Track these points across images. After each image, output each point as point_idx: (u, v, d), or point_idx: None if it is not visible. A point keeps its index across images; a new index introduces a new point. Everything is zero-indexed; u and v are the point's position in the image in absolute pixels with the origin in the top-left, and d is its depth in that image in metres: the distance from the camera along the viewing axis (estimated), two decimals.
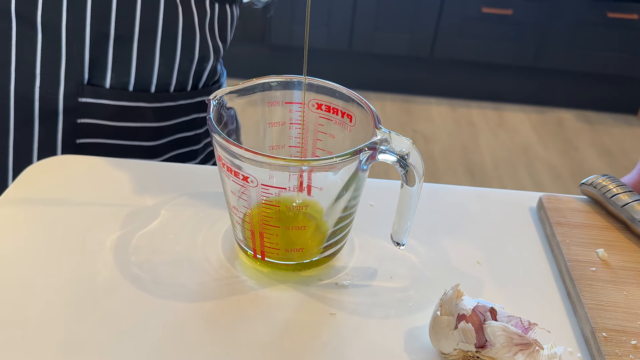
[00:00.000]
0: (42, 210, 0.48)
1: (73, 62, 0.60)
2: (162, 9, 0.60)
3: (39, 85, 0.60)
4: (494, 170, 2.02)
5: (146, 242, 0.46)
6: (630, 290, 0.43)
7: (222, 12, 0.67)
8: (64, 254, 0.44)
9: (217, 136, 0.38)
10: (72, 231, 0.46)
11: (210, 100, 0.41)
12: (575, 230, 0.49)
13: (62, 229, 0.46)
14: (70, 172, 0.53)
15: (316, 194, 0.42)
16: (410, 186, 0.39)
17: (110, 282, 0.42)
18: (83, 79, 0.61)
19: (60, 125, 0.62)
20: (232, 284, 0.43)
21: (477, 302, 0.37)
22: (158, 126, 0.65)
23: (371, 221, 0.50)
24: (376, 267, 0.45)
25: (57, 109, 0.61)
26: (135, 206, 0.49)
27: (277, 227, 0.41)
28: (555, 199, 0.52)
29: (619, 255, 0.46)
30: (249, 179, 0.38)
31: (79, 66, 0.60)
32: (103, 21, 0.59)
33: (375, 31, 2.24)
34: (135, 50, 0.61)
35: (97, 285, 0.41)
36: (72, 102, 0.61)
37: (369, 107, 0.41)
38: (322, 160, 0.38)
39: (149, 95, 0.63)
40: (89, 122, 0.62)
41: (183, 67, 0.64)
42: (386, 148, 0.38)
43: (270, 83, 0.44)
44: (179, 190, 0.52)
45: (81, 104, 0.61)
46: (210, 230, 0.47)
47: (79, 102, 0.61)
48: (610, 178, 0.52)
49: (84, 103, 0.61)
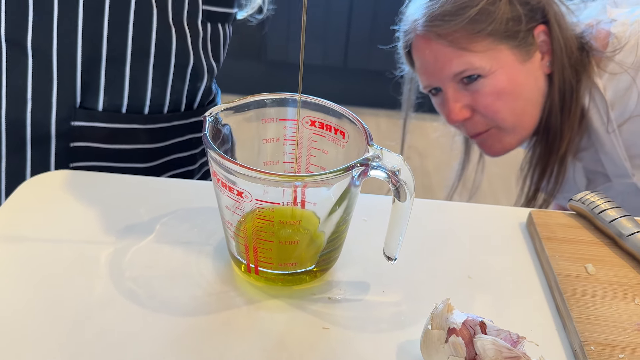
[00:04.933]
0: (36, 225, 0.48)
1: (65, 86, 0.59)
2: (155, 30, 0.60)
3: (30, 110, 0.59)
4: (488, 186, 2.04)
5: (141, 256, 0.46)
6: (618, 305, 0.43)
7: (214, 31, 0.67)
8: (59, 268, 0.44)
9: (212, 152, 0.38)
10: (67, 246, 0.46)
11: (205, 117, 0.42)
12: (564, 245, 0.50)
13: (57, 243, 0.47)
14: (65, 187, 0.54)
15: (310, 209, 0.43)
16: (401, 201, 0.40)
17: (105, 297, 0.42)
18: (75, 102, 0.60)
19: (53, 149, 0.61)
20: (226, 298, 0.43)
21: (467, 316, 0.37)
22: (152, 147, 0.65)
23: (364, 236, 0.50)
24: (369, 281, 0.46)
25: (50, 133, 0.60)
26: (130, 221, 0.50)
27: (271, 242, 0.41)
28: (545, 214, 0.53)
29: (607, 270, 0.47)
30: (244, 194, 0.39)
31: (71, 90, 0.60)
32: (95, 44, 0.59)
33: (370, 47, 2.26)
34: (128, 72, 0.61)
35: (92, 300, 0.42)
36: (65, 126, 0.61)
37: (361, 124, 0.42)
38: (315, 176, 0.39)
39: (143, 116, 0.63)
40: (82, 145, 0.62)
41: (176, 88, 0.64)
42: (378, 164, 0.39)
43: (264, 100, 0.45)
44: (173, 205, 0.52)
45: (74, 127, 0.61)
46: (205, 245, 0.48)
47: (71, 125, 0.61)
48: (598, 194, 0.53)
49: (77, 126, 0.61)
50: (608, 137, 0.72)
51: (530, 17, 0.72)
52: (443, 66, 0.74)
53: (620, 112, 0.70)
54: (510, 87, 0.72)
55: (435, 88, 0.78)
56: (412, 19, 0.76)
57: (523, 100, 0.74)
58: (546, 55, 0.73)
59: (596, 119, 0.72)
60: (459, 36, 0.71)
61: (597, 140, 0.74)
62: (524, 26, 0.71)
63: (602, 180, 0.78)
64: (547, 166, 0.78)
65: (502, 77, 0.72)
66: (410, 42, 0.78)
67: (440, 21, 0.72)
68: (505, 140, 0.77)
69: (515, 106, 0.73)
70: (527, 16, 0.71)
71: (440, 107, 0.80)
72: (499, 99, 0.72)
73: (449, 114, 0.76)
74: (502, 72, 0.71)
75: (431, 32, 0.73)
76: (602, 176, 0.78)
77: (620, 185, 0.76)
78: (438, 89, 0.78)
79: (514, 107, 0.73)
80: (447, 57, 0.73)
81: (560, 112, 0.73)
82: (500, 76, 0.72)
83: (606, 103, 0.70)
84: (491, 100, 0.73)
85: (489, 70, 0.71)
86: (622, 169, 0.73)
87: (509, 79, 0.72)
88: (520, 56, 0.72)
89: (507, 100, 0.73)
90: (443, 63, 0.74)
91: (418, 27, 0.74)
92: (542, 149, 0.78)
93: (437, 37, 0.72)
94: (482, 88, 0.72)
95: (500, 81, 0.72)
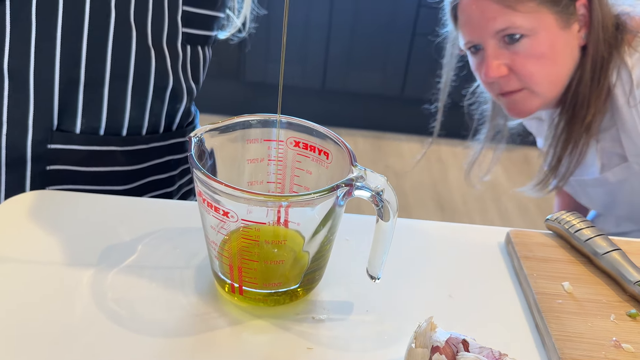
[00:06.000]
0: (15, 248, 0.48)
1: (42, 108, 0.59)
2: (134, 52, 0.60)
3: (5, 133, 0.59)
4: (463, 205, 2.07)
5: (123, 278, 0.46)
6: (595, 322, 0.45)
7: (194, 54, 0.67)
8: (39, 290, 0.43)
9: (199, 172, 0.39)
10: (47, 268, 0.46)
11: (191, 137, 0.42)
12: (542, 264, 0.51)
13: (36, 265, 0.46)
14: (43, 208, 0.53)
15: (294, 229, 0.43)
16: (385, 221, 0.41)
17: (87, 318, 0.41)
18: (52, 125, 0.60)
19: (28, 172, 0.60)
20: (209, 319, 0.43)
21: (450, 334, 0.38)
22: (130, 170, 0.65)
23: (347, 255, 0.51)
24: (352, 301, 0.46)
25: (25, 156, 0.60)
26: (111, 242, 0.49)
27: (256, 262, 0.42)
28: (522, 233, 0.55)
29: (584, 288, 0.48)
30: (229, 214, 0.39)
31: (48, 112, 0.59)
32: (73, 66, 0.58)
33: (348, 70, 2.30)
34: (106, 94, 0.60)
35: (74, 321, 0.41)
36: (41, 149, 0.60)
37: (345, 145, 0.43)
38: (300, 196, 0.39)
39: (121, 138, 0.63)
40: (59, 168, 0.61)
41: (155, 110, 0.64)
42: (362, 184, 0.40)
43: (250, 121, 0.45)
44: (155, 226, 0.52)
45: (50, 150, 0.60)
46: (188, 265, 0.48)
47: (48, 148, 0.60)
48: (574, 214, 0.55)
49: (53, 149, 0.60)
50: (630, 114, 0.75)
51: None
52: (487, 22, 0.76)
53: None
54: (548, 51, 0.75)
55: (475, 46, 0.80)
56: None
57: (558, 67, 0.77)
58: (583, 28, 0.76)
59: (621, 95, 0.76)
60: None
61: (618, 117, 0.77)
62: None
63: (618, 162, 0.81)
64: (572, 135, 0.80)
65: (543, 39, 0.75)
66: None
67: None
68: (533, 102, 0.79)
69: (550, 71, 0.76)
70: None
71: (477, 65, 0.82)
72: (537, 61, 0.75)
73: (487, 70, 0.78)
74: (543, 35, 0.75)
75: None
76: (618, 157, 0.81)
77: (638, 165, 0.78)
78: (478, 47, 0.80)
79: (549, 72, 0.76)
80: (492, 14, 0.75)
81: (590, 83, 0.76)
82: (540, 39, 0.75)
83: (632, 81, 0.73)
84: (530, 62, 0.75)
85: (531, 30, 0.74)
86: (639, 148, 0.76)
87: (549, 42, 0.75)
88: (561, 22, 0.75)
89: (544, 64, 0.76)
90: (488, 19, 0.76)
91: None
92: (568, 118, 0.80)
93: None
94: (523, 49, 0.75)
95: (540, 44, 0.75)
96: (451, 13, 0.82)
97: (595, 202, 0.90)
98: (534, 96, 0.78)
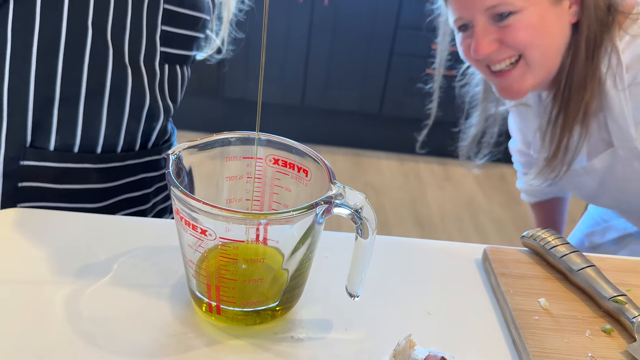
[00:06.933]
0: None
1: (15, 124, 0.58)
2: (110, 70, 0.60)
3: None
4: (441, 222, 2.08)
5: (98, 297, 0.45)
6: (571, 338, 0.45)
7: (172, 72, 0.67)
8: (11, 310, 0.42)
9: (176, 190, 0.38)
10: (20, 287, 0.45)
11: (169, 154, 0.42)
12: (519, 281, 0.51)
13: (9, 284, 0.45)
14: (17, 225, 0.52)
15: (273, 246, 0.43)
16: (364, 238, 0.41)
17: (61, 339, 0.40)
18: (25, 141, 0.59)
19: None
20: (186, 339, 0.42)
21: (428, 352, 0.38)
22: (104, 187, 0.64)
23: (326, 273, 0.51)
24: (331, 319, 0.46)
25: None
26: (86, 260, 0.48)
27: (234, 280, 0.41)
28: (499, 250, 0.55)
29: (559, 304, 0.49)
30: (207, 232, 0.39)
31: (22, 129, 0.58)
32: (48, 83, 0.57)
33: (327, 88, 2.32)
34: (82, 111, 0.60)
35: (48, 342, 0.40)
36: (13, 166, 0.59)
37: (324, 163, 0.43)
38: (279, 214, 0.39)
39: (95, 156, 0.62)
40: (31, 185, 0.60)
41: (131, 128, 0.64)
42: (341, 202, 0.40)
43: (229, 139, 0.45)
44: (131, 244, 0.51)
45: (23, 167, 0.59)
46: (164, 284, 0.47)
47: (20, 165, 0.59)
48: (549, 231, 0.55)
49: (26, 166, 0.59)
50: (618, 98, 0.75)
51: None
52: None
53: (634, 75, 0.74)
54: (538, 23, 0.75)
55: (465, 24, 0.80)
56: None
57: (549, 39, 0.76)
58: (574, 4, 0.77)
59: (610, 78, 0.75)
60: None
61: (606, 102, 0.76)
62: None
63: (603, 148, 0.80)
64: (569, 117, 0.78)
65: (533, 14, 0.74)
66: None
67: None
68: (527, 79, 0.78)
69: (542, 43, 0.76)
70: None
71: (466, 42, 0.81)
72: (527, 32, 0.75)
73: (477, 47, 0.77)
74: (533, 9, 0.74)
75: None
76: (604, 143, 0.80)
77: (623, 150, 0.78)
78: (467, 25, 0.80)
79: (540, 43, 0.76)
80: None
81: (585, 62, 0.76)
82: (531, 13, 0.74)
83: (622, 65, 0.74)
84: (521, 34, 0.75)
85: (520, 7, 0.74)
86: (626, 133, 0.76)
87: (538, 15, 0.75)
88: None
89: (536, 35, 0.75)
90: None
91: None
92: (563, 99, 0.78)
93: None
94: (513, 23, 0.75)
95: (530, 17, 0.74)
96: None
97: (583, 192, 0.88)
98: (528, 70, 0.77)
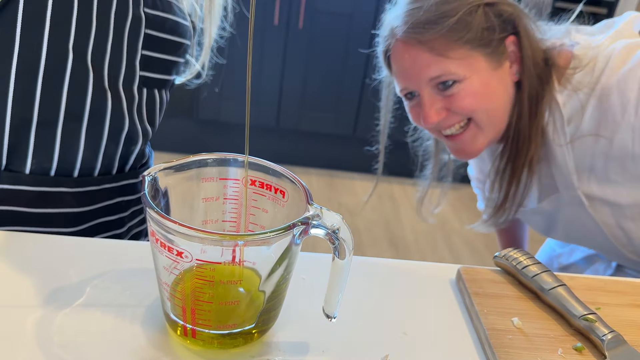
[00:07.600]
0: None
1: None
2: (90, 93, 0.59)
3: None
4: (415, 243, 2.10)
5: (70, 321, 0.44)
6: (544, 356, 0.46)
7: (150, 96, 0.66)
8: None
9: (152, 211, 0.38)
10: None
11: (144, 176, 0.41)
12: (492, 300, 0.52)
13: None
14: None
15: (250, 268, 0.43)
16: (341, 259, 0.41)
17: None
18: (0, 165, 0.58)
19: None
20: None
21: None
22: (80, 211, 0.63)
23: (303, 294, 0.50)
24: (308, 341, 0.46)
25: None
26: (59, 283, 0.47)
27: (210, 303, 0.41)
28: (473, 270, 0.56)
29: (532, 323, 0.50)
30: (183, 254, 0.39)
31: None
32: (26, 106, 0.57)
33: (302, 109, 2.34)
34: (59, 135, 0.59)
35: None
36: None
37: (301, 184, 0.44)
38: (256, 235, 0.39)
39: (72, 180, 0.61)
40: (5, 209, 0.59)
41: (109, 152, 0.63)
42: (318, 223, 0.40)
43: (206, 160, 0.45)
44: (104, 267, 0.50)
45: None
46: (138, 308, 0.46)
47: None
48: (520, 251, 0.57)
49: (0, 190, 0.58)
50: (560, 151, 0.78)
51: (502, 27, 0.78)
52: (420, 70, 0.78)
53: (575, 128, 0.77)
54: (483, 90, 0.78)
55: (411, 92, 0.82)
56: (393, 25, 0.80)
57: (495, 102, 0.79)
58: (514, 64, 0.79)
59: (552, 131, 0.79)
60: (438, 43, 0.76)
61: (550, 153, 0.80)
62: (497, 35, 0.77)
63: (551, 192, 0.84)
64: (516, 169, 0.82)
65: (476, 81, 0.77)
66: (390, 47, 0.82)
67: (422, 28, 0.76)
68: (479, 139, 0.81)
69: (488, 107, 0.79)
70: (500, 27, 0.78)
71: (414, 110, 0.83)
72: (473, 100, 0.78)
73: (426, 117, 0.79)
74: (476, 77, 0.77)
75: (412, 38, 0.77)
76: (551, 188, 0.84)
77: (567, 196, 0.82)
78: (413, 94, 0.82)
79: (487, 107, 0.79)
80: (425, 62, 0.77)
81: (529, 117, 0.79)
82: (474, 81, 0.77)
83: (563, 118, 0.77)
84: (466, 101, 0.77)
85: (464, 76, 0.76)
86: (569, 182, 0.80)
87: (482, 83, 0.77)
88: (493, 63, 0.78)
89: (481, 101, 0.78)
90: (421, 68, 0.78)
91: (399, 33, 0.79)
92: (511, 153, 0.82)
93: (418, 43, 0.77)
94: (457, 92, 0.77)
95: (474, 85, 0.77)
96: (385, 61, 0.85)
97: (538, 227, 0.93)
98: (479, 133, 0.80)
